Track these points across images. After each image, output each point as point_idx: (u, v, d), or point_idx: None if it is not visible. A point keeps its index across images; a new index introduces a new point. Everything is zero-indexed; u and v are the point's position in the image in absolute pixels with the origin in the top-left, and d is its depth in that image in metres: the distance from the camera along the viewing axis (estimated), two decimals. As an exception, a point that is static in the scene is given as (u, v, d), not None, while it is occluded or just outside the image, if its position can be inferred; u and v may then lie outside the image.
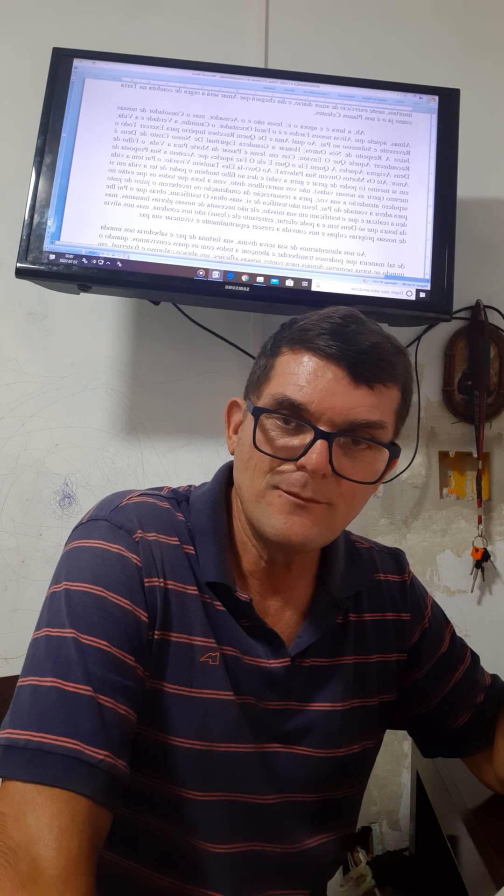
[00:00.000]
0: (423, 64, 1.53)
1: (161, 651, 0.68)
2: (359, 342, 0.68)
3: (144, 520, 0.72)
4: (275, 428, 0.69)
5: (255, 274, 1.24)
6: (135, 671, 0.65)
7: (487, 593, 1.46)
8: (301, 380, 0.68)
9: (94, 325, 1.47)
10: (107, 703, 0.61)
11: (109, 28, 1.53)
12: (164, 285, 1.25)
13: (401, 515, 1.48)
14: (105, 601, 0.65)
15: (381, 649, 0.80)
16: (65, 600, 0.66)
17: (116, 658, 0.64)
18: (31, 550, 1.42)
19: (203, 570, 0.72)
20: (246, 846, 0.71)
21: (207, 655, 0.70)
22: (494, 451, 1.50)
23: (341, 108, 1.31)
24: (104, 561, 0.68)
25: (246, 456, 0.71)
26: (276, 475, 0.68)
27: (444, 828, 0.91)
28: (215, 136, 1.28)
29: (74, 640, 0.63)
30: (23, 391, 1.46)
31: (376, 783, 1.42)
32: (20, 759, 0.57)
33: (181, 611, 0.70)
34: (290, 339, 0.70)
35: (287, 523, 0.67)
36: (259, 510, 0.69)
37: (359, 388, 0.67)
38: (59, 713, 0.59)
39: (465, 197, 1.35)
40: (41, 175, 1.26)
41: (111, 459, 1.45)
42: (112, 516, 0.72)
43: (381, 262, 1.27)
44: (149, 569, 0.69)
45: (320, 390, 0.67)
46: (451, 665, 0.84)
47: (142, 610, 0.67)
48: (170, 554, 0.71)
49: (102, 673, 0.62)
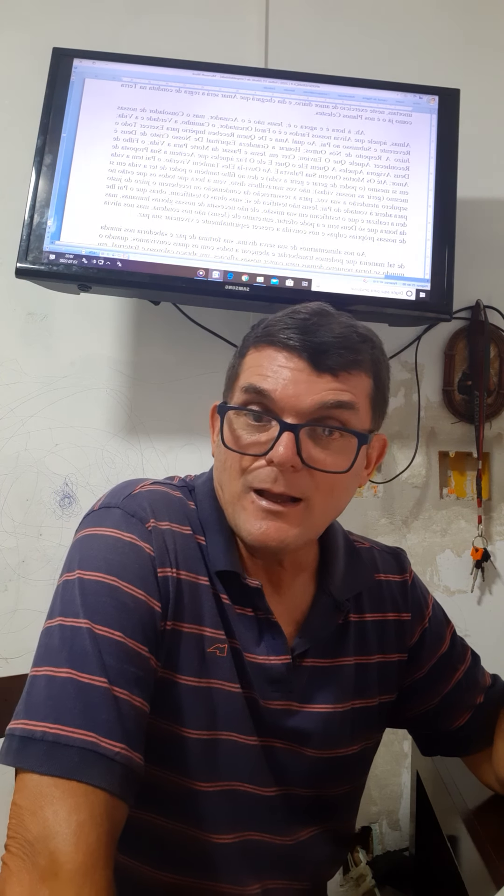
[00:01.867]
0: (423, 64, 1.53)
1: (173, 641, 0.68)
2: (320, 334, 0.68)
3: (157, 508, 0.71)
4: (244, 427, 0.69)
5: (255, 274, 1.24)
6: (148, 662, 0.65)
7: (487, 593, 1.46)
8: (265, 370, 0.68)
9: (94, 325, 1.47)
10: (122, 694, 0.61)
11: (109, 28, 1.52)
12: (164, 285, 1.25)
13: (401, 515, 1.48)
14: (119, 591, 0.65)
15: (381, 650, 0.80)
16: (78, 589, 0.65)
17: (131, 649, 0.63)
18: (31, 550, 1.42)
19: (213, 560, 0.72)
20: (245, 836, 0.72)
21: (215, 647, 0.70)
22: (494, 451, 1.50)
23: (341, 108, 1.31)
24: (117, 549, 0.67)
25: (221, 457, 0.72)
26: (249, 474, 0.68)
27: (444, 828, 0.91)
28: (215, 136, 1.28)
29: (89, 631, 0.62)
30: (23, 391, 1.46)
31: (376, 783, 1.42)
32: (37, 752, 0.57)
33: (193, 601, 0.69)
34: (256, 337, 0.72)
35: (262, 528, 0.67)
36: (236, 514, 0.69)
37: (322, 377, 0.68)
38: (76, 705, 0.59)
39: (465, 197, 1.35)
40: (41, 175, 1.25)
41: (111, 459, 1.45)
42: (125, 504, 0.71)
43: (380, 262, 1.27)
44: (162, 558, 0.68)
45: (283, 379, 0.67)
46: (451, 665, 0.84)
47: (155, 600, 0.66)
48: (182, 543, 0.71)
49: (118, 664, 0.62)
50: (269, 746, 0.72)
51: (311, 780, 0.75)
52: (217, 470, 0.74)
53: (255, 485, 0.67)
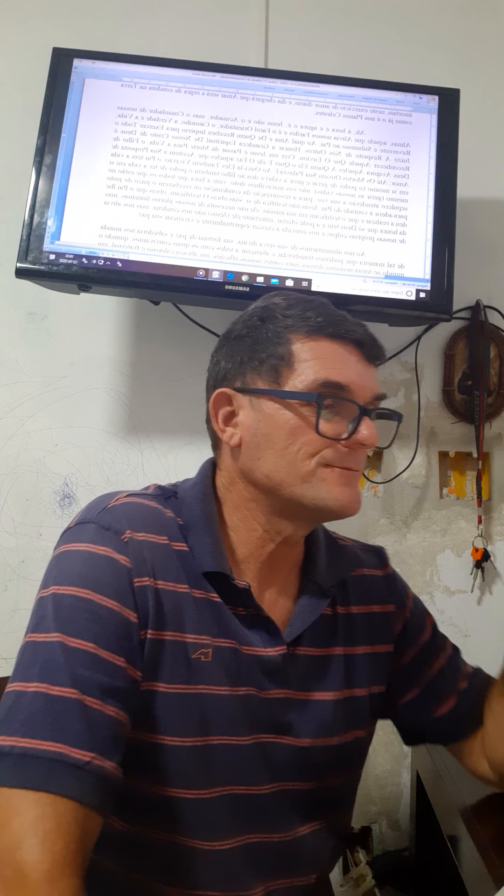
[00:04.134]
0: (423, 64, 1.53)
1: (156, 651, 0.68)
2: (361, 327, 0.75)
3: (133, 520, 0.72)
4: (322, 413, 0.72)
5: (255, 274, 1.24)
6: (125, 671, 0.65)
7: (487, 593, 1.46)
8: (336, 364, 0.73)
9: (94, 325, 1.47)
10: (94, 704, 0.61)
11: (109, 28, 1.53)
12: (164, 285, 1.25)
13: (401, 515, 1.48)
14: (92, 603, 0.65)
15: (369, 641, 0.82)
16: (52, 604, 0.66)
17: (104, 660, 0.64)
18: (31, 550, 1.42)
19: (199, 562, 0.72)
20: (244, 839, 0.72)
21: (199, 652, 0.70)
22: (494, 451, 1.50)
23: (341, 108, 1.31)
24: (92, 563, 0.68)
25: (281, 443, 0.72)
26: (327, 454, 0.72)
27: (444, 828, 0.91)
28: (215, 136, 1.28)
29: (60, 644, 0.63)
30: (23, 391, 1.46)
31: (376, 783, 1.42)
32: (5, 766, 0.57)
33: (174, 609, 0.70)
34: (300, 327, 0.74)
35: (347, 494, 0.72)
36: (312, 488, 0.72)
37: (370, 367, 0.75)
38: (45, 717, 0.59)
39: (465, 197, 1.35)
40: (41, 175, 1.26)
41: (111, 459, 1.45)
42: (100, 518, 0.71)
43: (380, 262, 1.27)
44: (139, 569, 0.69)
45: (354, 371, 0.73)
46: (433, 652, 0.87)
47: (131, 610, 0.67)
48: (160, 553, 0.71)
49: (90, 674, 0.62)
50: (263, 743, 0.73)
51: (307, 772, 0.76)
52: (262, 457, 0.74)
53: (338, 464, 0.72)
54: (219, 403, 0.77)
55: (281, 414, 0.72)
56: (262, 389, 0.74)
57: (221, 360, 0.80)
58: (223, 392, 0.77)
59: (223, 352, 0.80)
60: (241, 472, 0.76)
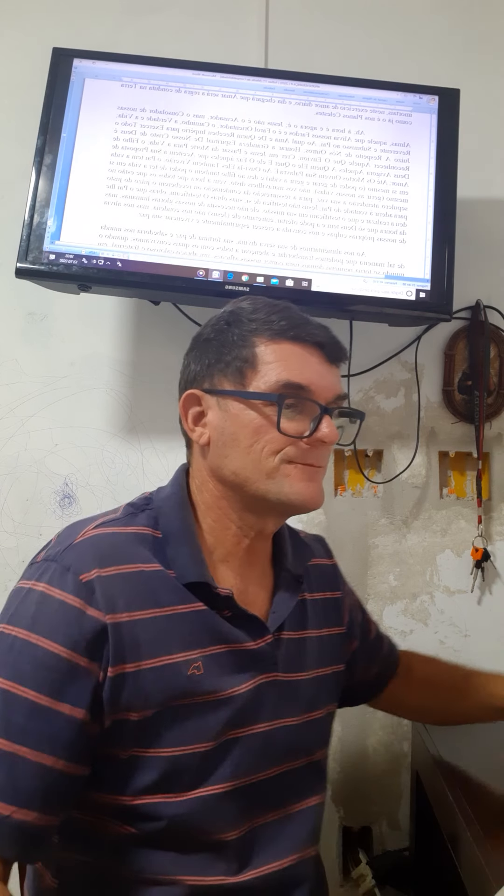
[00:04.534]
0: (423, 64, 1.53)
1: (136, 682, 0.69)
2: (323, 330, 0.79)
3: (103, 555, 0.72)
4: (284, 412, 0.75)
5: (255, 274, 1.24)
6: (72, 720, 0.65)
7: (487, 593, 1.46)
8: (298, 366, 0.76)
9: (94, 325, 1.47)
10: (26, 754, 0.62)
11: (109, 28, 1.52)
12: (164, 285, 1.25)
13: (401, 515, 1.48)
14: (40, 650, 0.66)
15: (328, 624, 0.90)
16: (2, 646, 0.67)
17: (47, 709, 0.64)
18: (31, 550, 1.39)
19: (181, 573, 0.74)
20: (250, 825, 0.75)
21: (193, 667, 0.72)
22: (494, 451, 1.50)
23: (341, 108, 1.31)
24: (45, 607, 0.68)
25: (246, 441, 0.75)
26: (290, 451, 0.75)
27: (444, 828, 0.92)
28: (215, 136, 1.28)
29: (2, 691, 0.64)
30: (23, 391, 1.46)
31: (376, 783, 1.42)
32: None
33: (158, 635, 0.71)
34: (264, 330, 0.77)
35: (309, 489, 0.76)
36: (276, 484, 0.75)
37: (332, 368, 0.79)
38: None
39: (465, 197, 1.35)
40: (41, 175, 1.25)
41: (111, 459, 1.45)
42: (64, 557, 0.72)
43: (381, 262, 1.27)
44: (109, 607, 0.69)
45: (315, 372, 0.76)
46: (368, 628, 1.00)
47: (82, 656, 0.67)
48: (133, 583, 0.72)
49: (27, 723, 0.63)
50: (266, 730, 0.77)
51: (300, 749, 0.82)
52: (229, 455, 0.76)
53: (300, 460, 0.75)
54: (188, 404, 0.80)
55: (245, 413, 0.76)
56: (228, 391, 0.77)
57: (191, 363, 0.82)
58: (192, 393, 0.80)
59: (192, 355, 0.83)
60: (211, 469, 0.79)
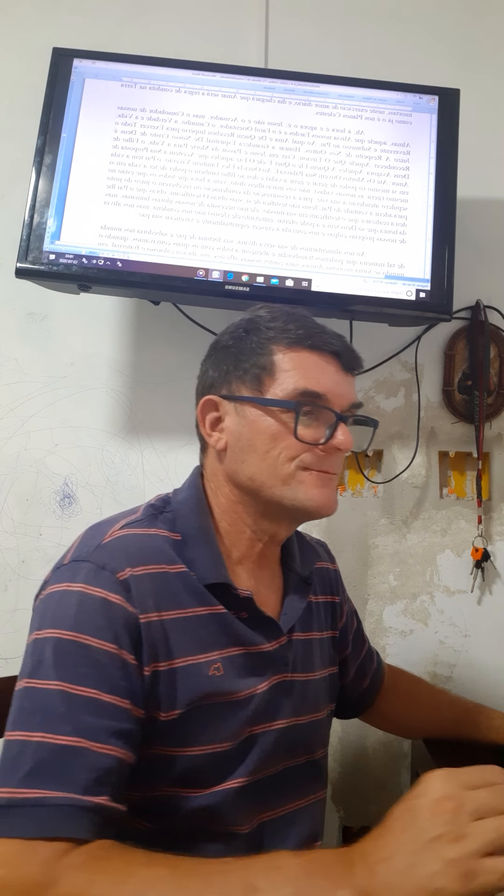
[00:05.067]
0: (423, 64, 1.53)
1: (169, 680, 0.70)
2: (339, 339, 0.80)
3: (132, 554, 0.73)
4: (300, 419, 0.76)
5: (255, 274, 1.24)
6: (129, 713, 0.66)
7: (487, 593, 1.46)
8: (314, 373, 0.77)
9: (94, 325, 1.47)
10: (102, 749, 0.63)
11: (109, 28, 1.52)
12: (164, 285, 1.25)
13: (401, 515, 1.48)
14: (91, 649, 0.66)
15: (327, 627, 0.92)
16: (50, 650, 0.67)
17: (109, 704, 0.65)
18: (31, 550, 1.42)
19: (201, 575, 0.75)
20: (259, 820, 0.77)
21: (213, 668, 0.73)
22: (494, 451, 1.50)
23: (341, 108, 1.31)
24: (87, 606, 0.68)
25: (263, 447, 0.76)
26: (305, 458, 0.76)
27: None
28: (215, 136, 1.28)
29: (61, 693, 0.64)
30: (23, 391, 1.46)
31: (376, 783, 1.42)
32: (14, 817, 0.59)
33: (183, 636, 0.72)
34: (281, 339, 0.78)
35: (323, 495, 0.77)
36: (291, 490, 0.76)
37: (348, 376, 0.80)
38: (51, 767, 0.61)
39: (465, 197, 1.35)
40: (41, 175, 1.25)
41: (111, 459, 1.45)
42: (95, 556, 0.72)
43: (381, 262, 1.27)
44: (142, 606, 0.70)
45: (331, 381, 0.77)
46: (362, 638, 1.02)
47: (128, 652, 0.68)
48: (160, 582, 0.72)
49: (96, 721, 0.64)
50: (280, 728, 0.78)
51: (304, 747, 0.83)
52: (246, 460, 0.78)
53: (316, 467, 0.76)
54: (206, 409, 0.82)
55: (263, 420, 0.77)
56: (246, 397, 0.78)
57: (209, 369, 0.84)
58: (210, 399, 0.82)
59: (210, 361, 0.84)
60: (227, 474, 0.80)
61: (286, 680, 0.80)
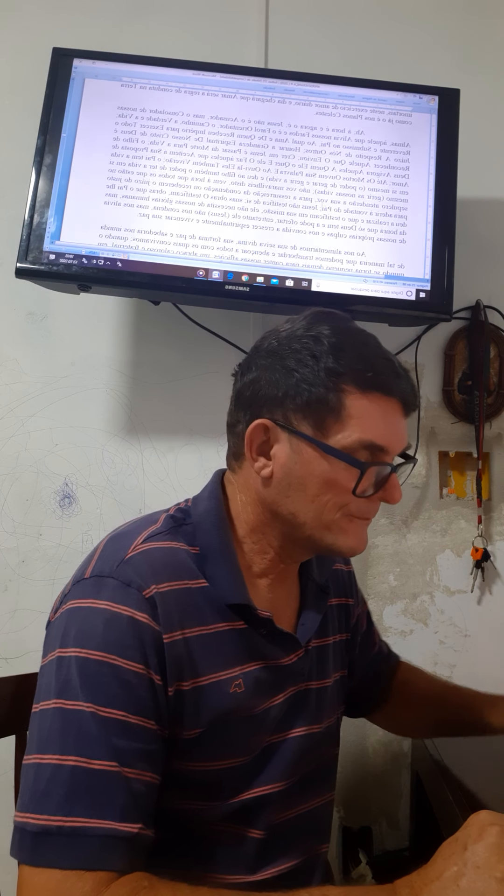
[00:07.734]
0: (423, 64, 1.53)
1: (195, 698, 0.70)
2: (408, 379, 0.76)
3: (157, 570, 0.70)
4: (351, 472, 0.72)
5: (255, 274, 1.24)
6: (156, 734, 0.66)
7: (487, 593, 1.46)
8: (381, 425, 0.73)
9: (94, 325, 1.47)
10: (133, 774, 0.62)
11: (109, 28, 1.52)
12: (164, 285, 1.25)
13: (401, 515, 1.48)
14: (120, 669, 0.65)
15: (340, 630, 0.91)
16: (77, 669, 0.65)
17: (137, 726, 0.64)
18: (31, 550, 1.41)
19: (222, 593, 0.73)
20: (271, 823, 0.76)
21: (234, 685, 0.72)
22: (494, 451, 1.50)
23: (341, 108, 1.31)
24: (115, 625, 0.66)
25: (313, 490, 0.73)
26: (352, 507, 0.74)
27: (444, 828, 0.91)
28: (215, 136, 1.28)
29: (93, 715, 0.62)
30: (23, 391, 1.46)
31: (376, 783, 1.42)
32: (56, 846, 0.58)
33: (206, 653, 0.71)
34: (351, 378, 0.72)
35: (360, 542, 0.76)
36: (332, 535, 0.75)
37: (405, 421, 0.76)
38: (89, 793, 0.60)
39: (465, 197, 1.35)
40: (41, 175, 1.25)
41: (111, 459, 1.45)
42: (120, 572, 0.69)
43: (381, 262, 1.27)
44: (168, 623, 0.68)
45: (395, 432, 0.74)
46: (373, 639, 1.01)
47: (155, 672, 0.67)
48: (184, 598, 0.71)
49: (126, 744, 0.63)
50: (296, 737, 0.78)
51: (318, 752, 0.83)
52: (293, 497, 0.74)
53: (360, 515, 0.75)
54: (257, 433, 0.75)
55: (319, 463, 0.72)
56: (307, 436, 0.72)
57: (262, 380, 0.75)
58: (264, 423, 0.74)
59: (264, 370, 0.76)
60: (265, 500, 0.76)
61: (301, 689, 0.80)
